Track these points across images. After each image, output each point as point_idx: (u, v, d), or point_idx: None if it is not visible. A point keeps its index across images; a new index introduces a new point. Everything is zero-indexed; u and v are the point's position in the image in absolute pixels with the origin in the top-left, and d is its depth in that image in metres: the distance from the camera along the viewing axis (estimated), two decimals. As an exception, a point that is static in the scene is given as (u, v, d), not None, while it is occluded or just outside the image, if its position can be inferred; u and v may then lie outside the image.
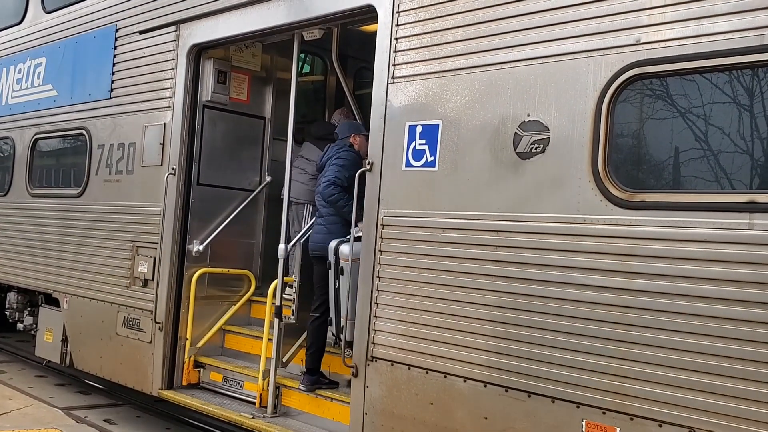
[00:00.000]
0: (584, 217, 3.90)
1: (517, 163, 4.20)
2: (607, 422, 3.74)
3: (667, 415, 3.55)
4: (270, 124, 7.08)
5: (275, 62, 7.15)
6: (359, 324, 4.92)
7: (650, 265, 3.65)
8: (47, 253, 7.92)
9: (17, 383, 8.07)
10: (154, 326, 6.53)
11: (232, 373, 6.32)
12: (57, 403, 7.34)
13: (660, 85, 3.81)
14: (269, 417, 5.73)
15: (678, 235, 3.58)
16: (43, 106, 8.40)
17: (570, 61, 4.02)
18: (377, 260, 4.83)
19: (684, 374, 3.51)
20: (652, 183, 3.87)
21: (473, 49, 4.45)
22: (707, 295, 3.46)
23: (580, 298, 3.86)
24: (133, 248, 6.85)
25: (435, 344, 4.47)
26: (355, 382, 4.92)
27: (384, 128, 4.88)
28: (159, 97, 6.76)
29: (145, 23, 6.98)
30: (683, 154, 3.75)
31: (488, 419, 4.20)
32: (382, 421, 4.72)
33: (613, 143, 3.87)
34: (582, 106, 3.95)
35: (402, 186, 4.76)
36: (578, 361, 3.85)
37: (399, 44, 4.85)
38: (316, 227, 5.80)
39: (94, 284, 7.24)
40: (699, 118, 3.68)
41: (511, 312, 4.14)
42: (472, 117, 4.43)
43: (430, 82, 4.66)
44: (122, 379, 6.90)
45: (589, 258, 3.85)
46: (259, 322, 6.52)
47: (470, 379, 4.30)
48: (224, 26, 6.24)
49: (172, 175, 6.50)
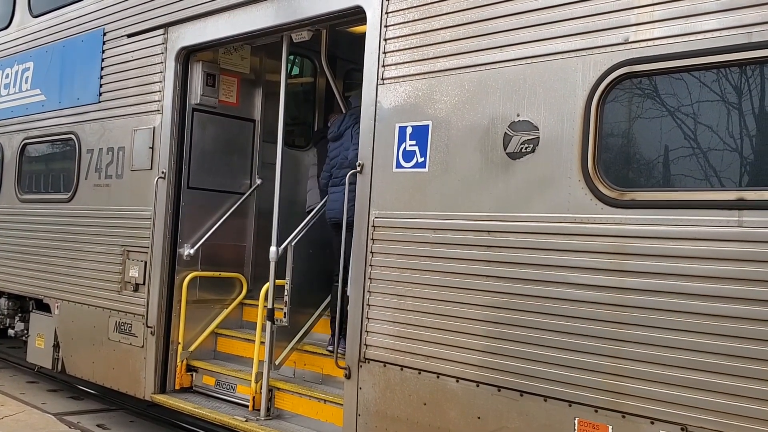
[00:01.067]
0: (575, 216, 3.91)
1: (508, 163, 4.20)
2: (600, 420, 3.76)
3: (660, 412, 3.56)
4: (260, 127, 7.07)
5: (264, 64, 7.13)
6: (351, 325, 4.91)
7: (641, 263, 3.66)
8: (37, 259, 7.88)
9: (9, 389, 8.03)
10: (145, 331, 6.51)
11: (225, 377, 6.31)
12: (49, 409, 7.30)
13: (649, 84, 3.83)
14: (262, 420, 5.72)
15: (668, 233, 3.59)
16: (32, 111, 8.35)
17: (559, 61, 4.03)
18: (369, 261, 4.82)
19: (676, 371, 3.52)
20: (642, 181, 3.89)
21: (462, 50, 4.45)
22: (698, 293, 3.48)
23: (571, 297, 3.87)
24: (123, 253, 6.82)
25: (427, 345, 4.47)
26: (348, 384, 4.91)
27: (374, 129, 4.88)
28: (148, 100, 6.73)
29: (133, 26, 6.95)
30: (673, 152, 3.76)
31: (481, 419, 4.21)
32: (376, 423, 4.72)
33: (603, 142, 3.89)
34: (571, 105, 3.96)
35: (392, 187, 4.76)
36: (570, 360, 3.86)
37: (388, 45, 4.85)
38: (334, 195, 5.77)
39: (86, 289, 7.21)
40: (688, 117, 3.70)
41: (503, 312, 4.14)
42: (461, 117, 4.44)
43: (420, 83, 4.66)
44: (115, 383, 6.86)
45: (581, 257, 3.86)
46: (251, 325, 6.51)
47: (463, 379, 4.30)
48: (213, 29, 6.22)
49: (162, 178, 6.48)
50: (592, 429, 3.77)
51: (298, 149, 7.81)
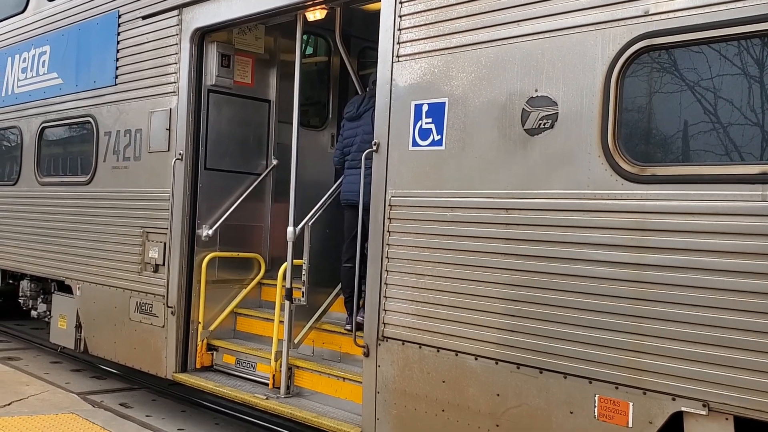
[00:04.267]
0: (594, 192, 3.87)
1: (526, 139, 4.16)
2: (621, 397, 3.75)
3: (681, 388, 3.55)
4: (275, 107, 7.06)
5: (278, 44, 7.10)
6: (369, 304, 4.93)
7: (662, 239, 3.62)
8: (58, 241, 7.97)
9: (33, 369, 8.16)
10: (166, 311, 6.57)
11: (245, 356, 6.37)
12: (73, 388, 7.42)
13: (669, 57, 3.76)
14: (282, 398, 5.77)
15: (690, 208, 3.55)
16: (49, 94, 8.40)
17: (578, 35, 3.97)
18: (386, 241, 4.82)
19: (698, 348, 3.50)
20: (663, 156, 3.84)
21: (479, 25, 4.40)
22: (720, 268, 3.44)
23: (591, 274, 3.85)
24: (143, 234, 6.87)
25: (446, 323, 4.47)
26: (367, 362, 4.93)
27: (390, 108, 4.85)
28: (164, 82, 6.74)
29: (147, 8, 6.93)
30: (693, 126, 3.70)
31: (500, 396, 4.21)
32: (395, 400, 4.74)
33: (623, 117, 3.83)
34: (590, 80, 3.90)
35: (409, 166, 4.74)
36: (591, 337, 3.84)
37: (403, 22, 4.80)
38: (351, 177, 5.76)
39: (106, 270, 7.28)
40: (709, 90, 3.63)
41: (523, 289, 4.13)
42: (478, 94, 4.39)
43: (436, 60, 4.62)
44: (136, 363, 6.96)
45: (601, 233, 3.83)
46: (269, 304, 6.55)
47: (482, 357, 4.30)
48: (227, 9, 6.19)
49: (179, 160, 6.50)
50: (613, 406, 3.76)
51: (314, 129, 7.79)
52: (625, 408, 3.72)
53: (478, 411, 4.31)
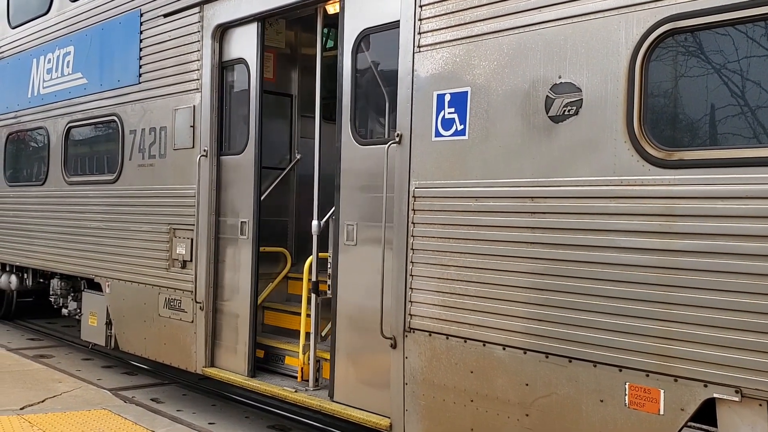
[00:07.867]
0: (621, 178, 3.83)
1: (550, 126, 4.13)
2: (651, 384, 3.71)
3: (713, 375, 3.50)
4: (297, 102, 7.08)
5: (299, 38, 7.12)
6: (395, 296, 4.93)
7: (691, 224, 3.58)
8: (87, 239, 8.08)
9: (65, 366, 8.31)
10: (194, 306, 6.64)
11: (273, 349, 6.41)
12: (105, 385, 7.53)
13: (694, 40, 3.70)
14: (311, 390, 5.81)
15: (718, 192, 3.50)
16: (74, 94, 8.51)
17: (600, 20, 3.92)
18: (410, 232, 4.82)
19: (730, 333, 3.45)
20: (690, 141, 3.78)
21: (500, 12, 4.36)
22: (751, 252, 3.39)
23: (619, 261, 3.82)
24: (170, 231, 6.94)
25: (472, 313, 4.46)
26: (394, 354, 4.94)
27: (411, 98, 4.84)
28: (187, 79, 6.79)
29: (169, 6, 6.99)
30: (721, 110, 3.64)
31: (530, 386, 4.20)
32: (423, 391, 4.75)
33: (648, 102, 3.78)
34: (615, 65, 3.86)
35: (432, 156, 4.72)
36: (620, 325, 3.81)
37: (424, 12, 4.78)
38: None
39: (135, 267, 7.37)
40: (735, 73, 3.57)
41: (550, 278, 4.10)
42: (501, 82, 4.37)
43: (457, 49, 4.59)
44: (166, 358, 7.04)
45: (628, 220, 3.79)
46: (296, 298, 6.58)
47: (509, 347, 4.29)
48: (247, 4, 6.21)
49: (204, 156, 6.55)
50: (644, 393, 3.73)
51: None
52: (657, 395, 3.69)
53: (507, 401, 4.30)
